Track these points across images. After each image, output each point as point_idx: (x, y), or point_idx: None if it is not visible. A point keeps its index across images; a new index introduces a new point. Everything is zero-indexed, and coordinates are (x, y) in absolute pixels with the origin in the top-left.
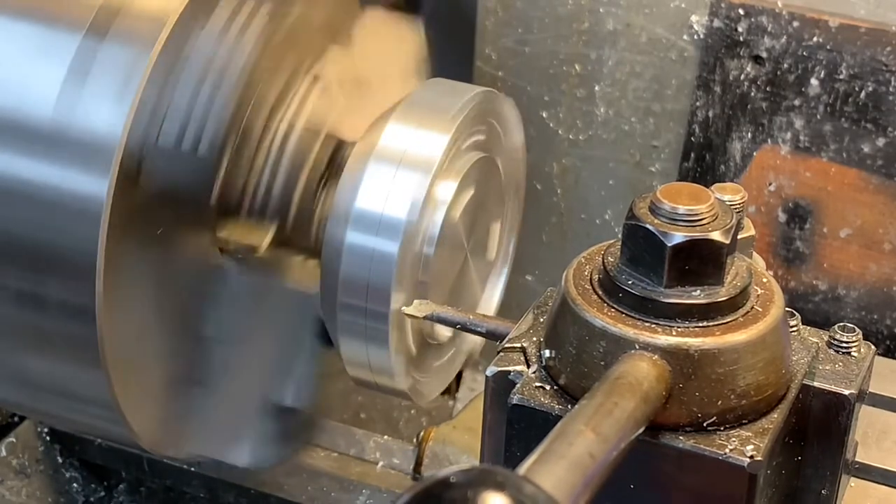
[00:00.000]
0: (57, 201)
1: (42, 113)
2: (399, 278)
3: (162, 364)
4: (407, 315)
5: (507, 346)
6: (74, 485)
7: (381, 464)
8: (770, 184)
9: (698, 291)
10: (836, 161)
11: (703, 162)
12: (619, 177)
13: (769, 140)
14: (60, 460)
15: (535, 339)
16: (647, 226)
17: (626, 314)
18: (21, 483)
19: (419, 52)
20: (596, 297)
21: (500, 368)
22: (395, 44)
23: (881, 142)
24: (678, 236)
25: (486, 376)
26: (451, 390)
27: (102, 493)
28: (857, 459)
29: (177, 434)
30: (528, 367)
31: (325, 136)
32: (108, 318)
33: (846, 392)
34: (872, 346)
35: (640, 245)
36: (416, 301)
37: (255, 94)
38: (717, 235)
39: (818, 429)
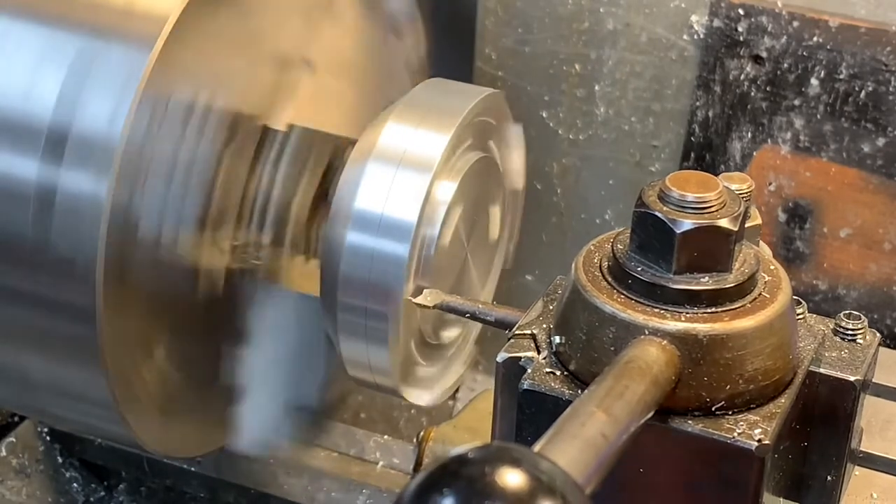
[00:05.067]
0: (57, 201)
1: (42, 113)
2: (399, 279)
3: (162, 364)
4: (416, 304)
5: (517, 332)
6: (74, 485)
7: (381, 464)
8: (770, 184)
9: (707, 278)
10: (836, 161)
11: (703, 162)
12: (619, 177)
13: (769, 140)
14: (60, 460)
15: (544, 325)
16: (657, 213)
17: (635, 300)
18: (21, 483)
19: (417, 46)
20: (606, 283)
21: (510, 354)
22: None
23: (881, 142)
24: (687, 223)
25: (497, 362)
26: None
27: (102, 493)
28: (861, 448)
29: (177, 434)
30: (539, 353)
31: (325, 136)
32: (108, 318)
33: (852, 378)
34: (878, 334)
35: (650, 232)
36: (424, 290)
37: (253, 94)
38: (725, 222)
39: (824, 414)
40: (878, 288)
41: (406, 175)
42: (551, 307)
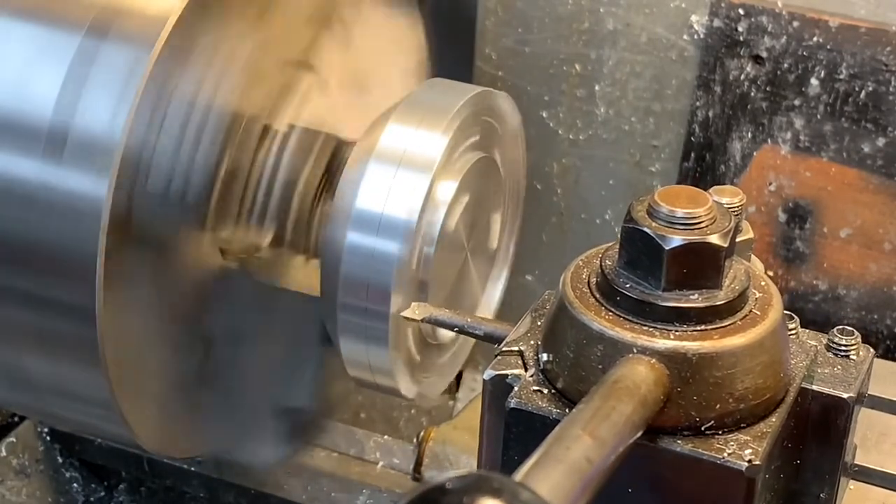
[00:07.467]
0: (57, 201)
1: (42, 113)
2: (399, 278)
3: (162, 364)
4: (405, 318)
5: (504, 349)
6: (74, 485)
7: (381, 464)
8: (770, 184)
9: (696, 295)
10: (836, 161)
11: (703, 162)
12: (619, 177)
13: (769, 140)
14: (60, 460)
15: (532, 342)
16: (645, 229)
17: (623, 317)
18: (21, 483)
19: (419, 50)
20: (594, 300)
21: (497, 372)
22: (395, 40)
23: (881, 142)
24: (676, 240)
25: (484, 380)
26: (451, 390)
27: (102, 493)
28: (856, 462)
29: (176, 434)
30: (526, 370)
31: (325, 137)
32: (108, 318)
33: (845, 395)
34: (871, 349)
35: (638, 248)
36: (413, 304)
37: (254, 94)
38: (715, 239)
39: (817, 432)
40: (878, 288)
41: (406, 175)
42: (539, 323)
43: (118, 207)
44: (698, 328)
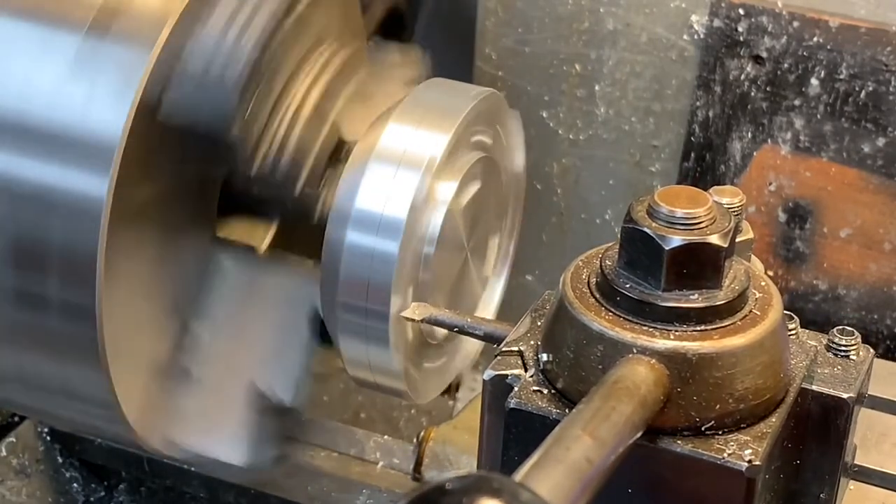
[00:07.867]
0: (57, 201)
1: (42, 113)
2: (399, 278)
3: (162, 364)
4: (405, 318)
5: (504, 349)
6: (74, 485)
7: (381, 464)
8: (770, 184)
9: (696, 295)
10: (836, 161)
11: (703, 162)
12: (619, 177)
13: (769, 140)
14: (60, 460)
15: (532, 342)
16: (645, 229)
17: (623, 318)
18: (21, 483)
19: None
20: (594, 300)
21: (497, 372)
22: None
23: (881, 142)
24: (676, 240)
25: (484, 380)
26: (451, 390)
27: (102, 493)
28: (856, 462)
29: (176, 434)
30: (526, 370)
31: (329, 129)
32: (108, 318)
33: (845, 395)
34: (871, 350)
35: (638, 248)
36: (413, 304)
37: (256, 90)
38: (714, 239)
39: (817, 432)
40: (878, 288)
41: (406, 175)
42: (539, 323)
43: (118, 207)
44: (698, 328)
